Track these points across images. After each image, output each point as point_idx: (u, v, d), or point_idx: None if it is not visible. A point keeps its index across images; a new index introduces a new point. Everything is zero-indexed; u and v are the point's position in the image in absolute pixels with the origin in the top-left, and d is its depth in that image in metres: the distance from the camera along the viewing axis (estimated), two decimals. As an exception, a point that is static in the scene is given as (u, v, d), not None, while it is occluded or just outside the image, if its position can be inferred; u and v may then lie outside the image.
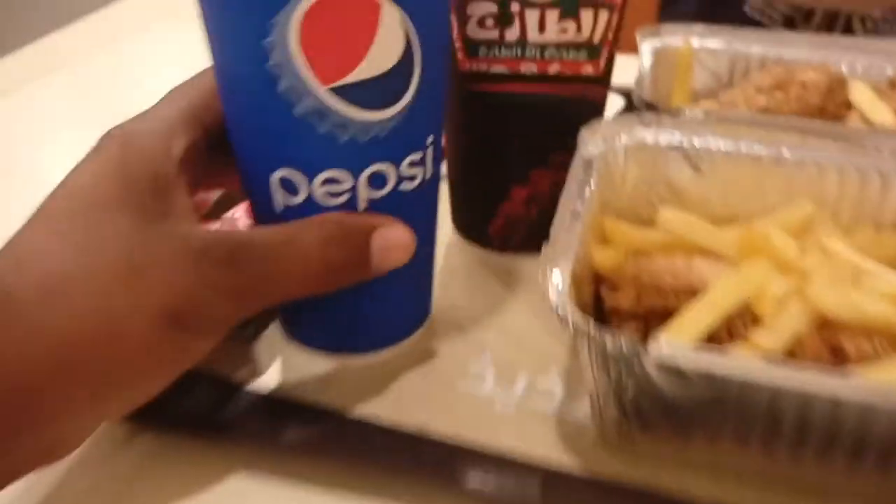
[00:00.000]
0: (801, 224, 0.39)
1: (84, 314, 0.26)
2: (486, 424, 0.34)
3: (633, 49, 0.52)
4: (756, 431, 0.30)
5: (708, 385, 0.28)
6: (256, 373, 0.37)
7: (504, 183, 0.42)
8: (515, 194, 0.42)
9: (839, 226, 0.40)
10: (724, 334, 0.33)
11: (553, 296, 0.30)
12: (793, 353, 0.32)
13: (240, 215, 0.42)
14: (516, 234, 0.43)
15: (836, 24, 0.82)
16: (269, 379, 0.36)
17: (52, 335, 0.26)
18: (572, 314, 0.29)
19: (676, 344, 0.29)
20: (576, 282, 0.32)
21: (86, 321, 0.26)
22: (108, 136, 0.31)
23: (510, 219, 0.42)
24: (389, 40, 0.29)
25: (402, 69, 0.30)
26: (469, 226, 0.45)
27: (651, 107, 0.43)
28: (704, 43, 0.55)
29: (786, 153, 0.40)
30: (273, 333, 0.39)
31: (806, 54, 0.54)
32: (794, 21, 0.83)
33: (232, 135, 0.32)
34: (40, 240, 0.27)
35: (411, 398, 0.35)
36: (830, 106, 0.50)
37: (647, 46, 0.52)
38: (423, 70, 0.30)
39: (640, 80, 0.46)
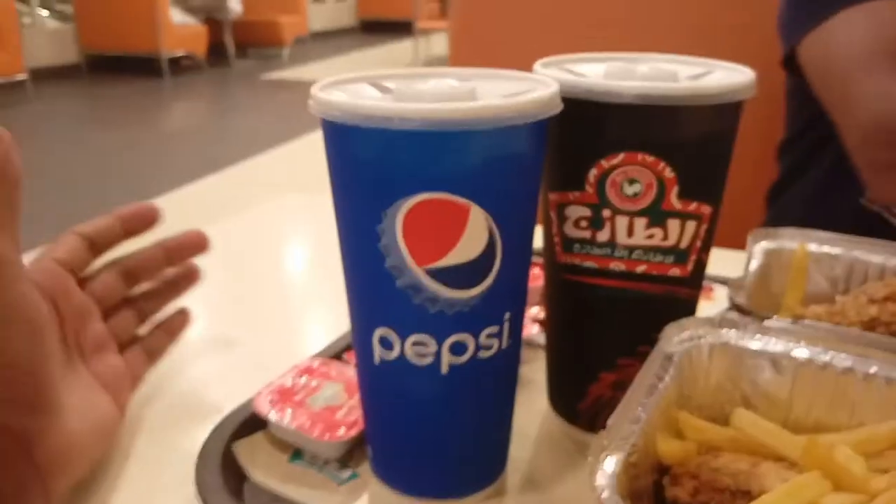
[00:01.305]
0: (887, 441, 0.39)
1: None
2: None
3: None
4: None
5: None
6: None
7: (593, 366, 0.45)
8: (604, 378, 0.45)
9: (930, 449, 0.40)
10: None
11: (598, 480, 0.32)
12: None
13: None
14: (603, 415, 0.46)
15: None
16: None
17: None
18: (608, 498, 0.31)
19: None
20: (632, 471, 0.35)
21: None
22: None
23: (598, 400, 0.45)
24: (475, 235, 0.35)
25: (484, 259, 0.35)
26: (561, 401, 0.48)
27: (743, 311, 0.46)
28: (822, 248, 0.56)
29: (874, 369, 0.41)
30: (367, 476, 0.43)
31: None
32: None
33: (349, 299, 0.39)
34: None
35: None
36: (947, 325, 0.49)
37: (758, 248, 0.55)
38: (504, 261, 0.36)
39: (736, 283, 0.49)
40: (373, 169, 0.34)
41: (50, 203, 2.97)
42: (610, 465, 0.33)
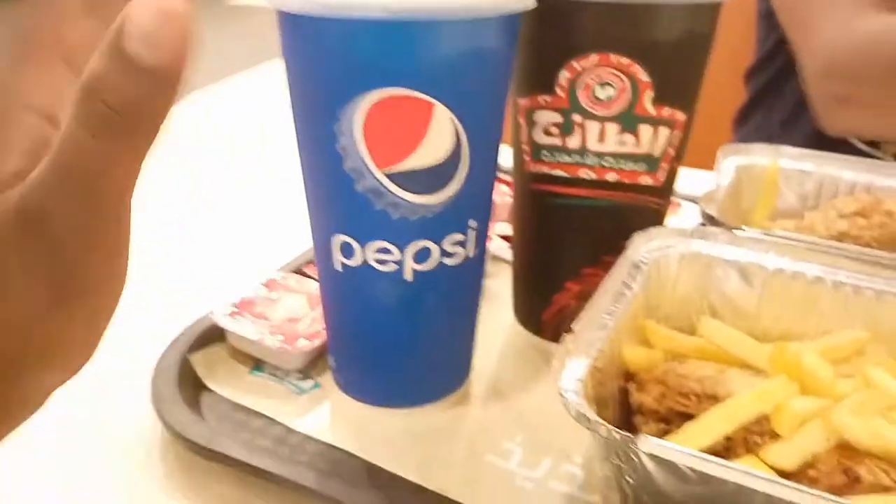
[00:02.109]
0: (852, 348, 0.39)
1: None
2: (504, 496, 0.36)
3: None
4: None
5: (691, 481, 0.28)
6: (309, 419, 0.40)
7: (559, 276, 0.44)
8: (569, 287, 0.44)
9: (894, 355, 0.40)
10: (741, 449, 0.34)
11: (563, 383, 0.32)
12: (805, 468, 0.32)
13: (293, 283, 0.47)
14: (567, 326, 0.45)
15: None
16: (317, 425, 0.40)
17: None
18: (575, 402, 0.30)
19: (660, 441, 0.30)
20: (598, 376, 0.34)
21: None
22: None
23: (563, 309, 0.45)
24: (440, 137, 0.33)
25: (449, 163, 0.34)
26: (525, 313, 0.47)
27: (714, 221, 0.45)
28: (794, 164, 0.56)
29: (844, 278, 0.40)
30: (328, 387, 0.42)
31: (898, 184, 0.53)
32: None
33: (309, 203, 0.37)
34: None
35: (439, 461, 0.38)
36: (915, 237, 0.49)
37: (728, 163, 0.54)
38: (470, 165, 0.34)
39: (708, 195, 0.48)
40: (331, 62, 0.32)
41: None
42: (575, 369, 0.33)
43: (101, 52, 0.21)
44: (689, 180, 0.59)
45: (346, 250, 0.36)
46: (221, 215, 0.67)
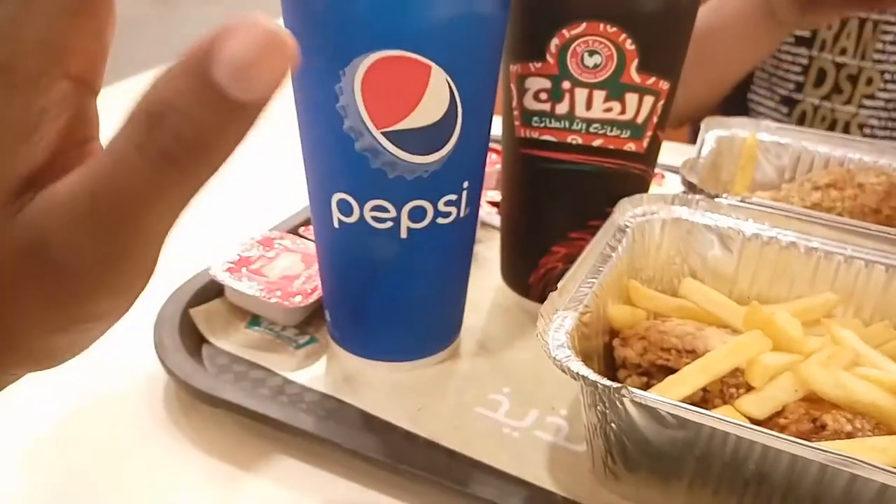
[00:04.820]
0: (822, 310, 0.41)
1: None
2: (491, 443, 0.38)
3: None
4: (724, 481, 0.32)
5: (670, 425, 0.31)
6: (306, 372, 0.42)
7: (545, 240, 0.46)
8: (556, 251, 0.46)
9: (860, 317, 0.42)
10: (717, 400, 0.36)
11: (549, 337, 0.34)
12: (776, 417, 0.34)
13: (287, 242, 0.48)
14: (553, 287, 0.47)
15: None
16: (314, 377, 0.41)
17: None
18: (563, 355, 0.32)
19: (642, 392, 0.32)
20: (583, 331, 0.36)
21: None
22: None
23: (549, 272, 0.46)
24: (436, 98, 0.34)
25: (445, 123, 0.35)
26: (513, 275, 0.49)
27: (695, 189, 0.47)
28: (772, 138, 0.58)
29: (815, 244, 0.43)
30: (325, 341, 0.44)
31: (872, 159, 0.55)
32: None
33: (306, 163, 0.38)
34: None
35: (430, 411, 0.39)
36: (885, 209, 0.51)
37: (711, 135, 0.56)
38: (464, 127, 0.36)
39: (689, 163, 0.50)
40: (332, 25, 0.33)
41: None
42: (563, 322, 0.35)
43: (176, 72, 0.18)
44: (673, 153, 0.61)
45: (344, 208, 0.37)
46: (218, 175, 0.67)
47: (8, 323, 0.21)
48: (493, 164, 0.58)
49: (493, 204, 0.58)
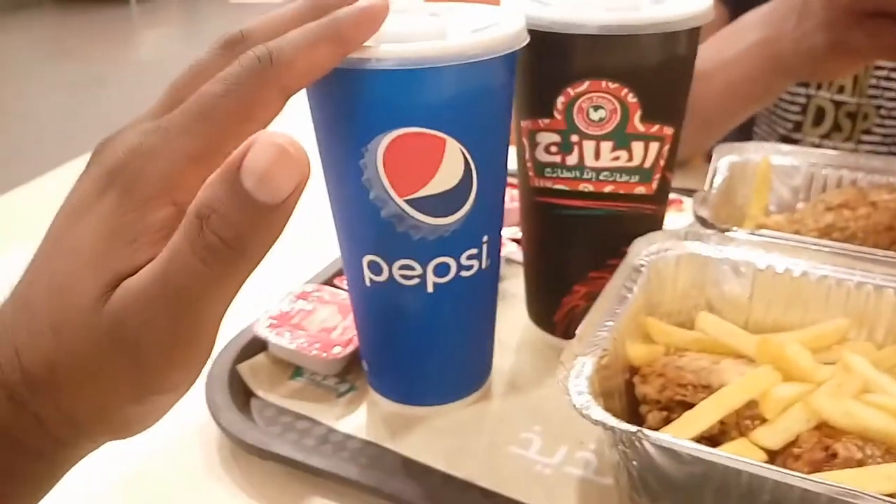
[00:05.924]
0: (834, 336, 0.43)
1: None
2: (525, 481, 0.40)
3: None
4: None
5: (687, 462, 0.33)
6: (348, 421, 0.45)
7: (566, 280, 0.48)
8: (577, 290, 0.48)
9: (873, 340, 0.44)
10: (734, 431, 0.38)
11: (570, 384, 0.36)
12: (790, 447, 0.36)
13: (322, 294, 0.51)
14: (577, 324, 0.49)
15: None
16: (356, 426, 0.44)
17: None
18: (580, 397, 0.35)
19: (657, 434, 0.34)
20: (604, 372, 0.38)
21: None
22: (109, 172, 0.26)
23: (572, 310, 0.49)
24: (452, 166, 0.37)
25: (461, 188, 0.38)
26: (538, 313, 0.52)
27: (706, 224, 0.49)
28: (784, 160, 0.59)
29: (826, 271, 0.44)
30: (364, 388, 0.47)
31: (885, 179, 0.57)
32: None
33: (338, 228, 0.42)
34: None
35: (465, 452, 0.42)
36: (898, 227, 0.53)
37: (723, 162, 0.58)
38: (479, 188, 0.39)
39: (700, 196, 0.52)
40: (352, 107, 0.36)
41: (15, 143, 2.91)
42: (583, 368, 0.37)
43: (214, 182, 0.22)
44: (690, 178, 0.64)
45: (374, 268, 0.40)
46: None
47: (98, 398, 0.26)
48: (514, 200, 0.61)
49: (516, 241, 0.60)
